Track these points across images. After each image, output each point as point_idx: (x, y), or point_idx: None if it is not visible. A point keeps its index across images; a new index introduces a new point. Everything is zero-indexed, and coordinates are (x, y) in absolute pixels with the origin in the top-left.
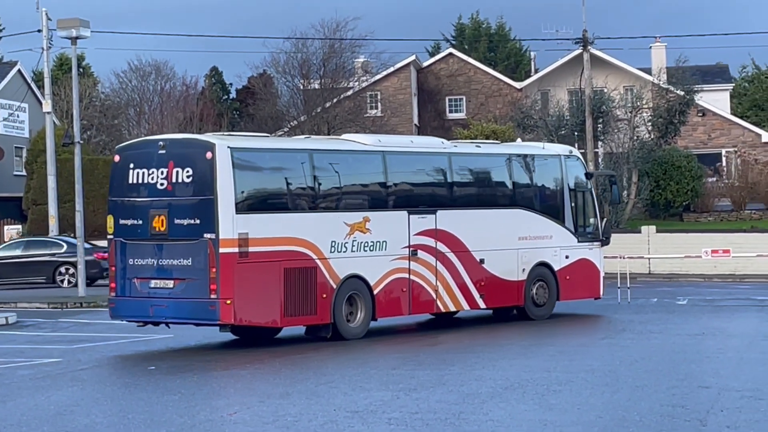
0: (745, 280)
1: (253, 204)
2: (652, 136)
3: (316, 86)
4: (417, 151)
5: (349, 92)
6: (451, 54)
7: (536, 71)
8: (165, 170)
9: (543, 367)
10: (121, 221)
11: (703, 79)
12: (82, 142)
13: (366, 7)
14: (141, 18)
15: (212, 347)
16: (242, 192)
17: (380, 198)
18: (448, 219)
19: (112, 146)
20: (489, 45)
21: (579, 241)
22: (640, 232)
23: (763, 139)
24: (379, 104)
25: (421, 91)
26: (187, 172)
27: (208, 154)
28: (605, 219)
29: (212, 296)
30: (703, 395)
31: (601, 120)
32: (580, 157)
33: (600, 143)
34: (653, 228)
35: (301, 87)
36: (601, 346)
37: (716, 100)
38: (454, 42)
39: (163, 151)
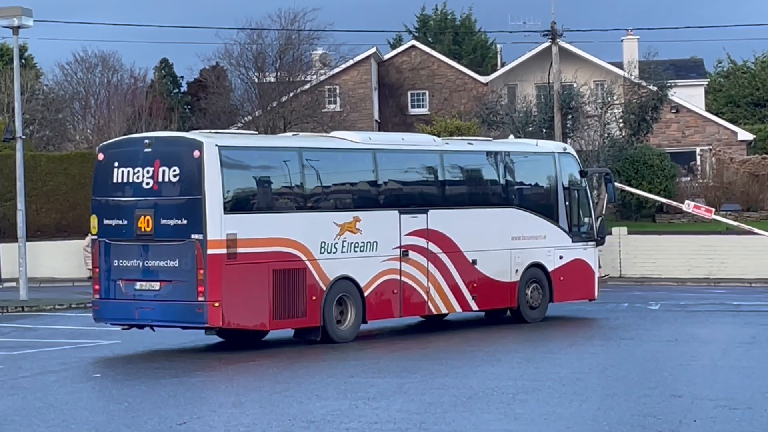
0: (719, 285)
1: (241, 204)
2: (624, 134)
3: (272, 79)
4: (408, 148)
5: (307, 86)
6: (413, 46)
7: (503, 65)
8: (151, 169)
9: (509, 374)
10: (106, 221)
11: (677, 74)
12: (24, 137)
13: None
14: (87, 7)
15: (161, 353)
16: (230, 191)
17: (371, 197)
18: (439, 219)
19: (56, 142)
20: (454, 37)
21: (573, 241)
22: (611, 233)
23: (739, 137)
24: (337, 99)
25: (382, 86)
26: (174, 171)
27: (196, 153)
28: (600, 218)
29: (200, 299)
30: (675, 405)
31: (570, 116)
32: (575, 154)
33: (569, 140)
34: (624, 230)
35: (256, 80)
36: (569, 353)
37: (690, 96)
38: (417, 34)
39: (149, 150)
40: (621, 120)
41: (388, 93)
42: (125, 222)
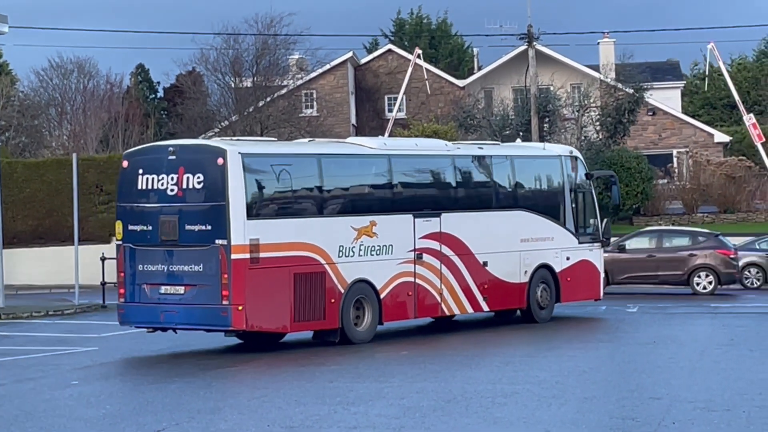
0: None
1: (263, 209)
2: (601, 136)
3: (249, 84)
4: (422, 154)
5: (284, 91)
6: (390, 50)
7: (479, 68)
8: (175, 176)
9: (487, 378)
10: (130, 227)
11: (654, 76)
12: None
13: (302, 3)
14: (62, 13)
15: (139, 360)
16: (253, 197)
17: (386, 202)
18: (452, 222)
19: (32, 148)
20: (430, 41)
21: (579, 242)
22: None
23: (716, 139)
24: (314, 103)
25: (359, 90)
26: (198, 177)
27: (220, 160)
28: (605, 220)
29: (224, 302)
30: (654, 407)
31: (547, 119)
32: (581, 157)
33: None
34: None
35: (233, 85)
36: (548, 357)
37: (667, 98)
38: (393, 38)
39: (173, 157)
40: (598, 123)
41: (365, 97)
42: (150, 228)
